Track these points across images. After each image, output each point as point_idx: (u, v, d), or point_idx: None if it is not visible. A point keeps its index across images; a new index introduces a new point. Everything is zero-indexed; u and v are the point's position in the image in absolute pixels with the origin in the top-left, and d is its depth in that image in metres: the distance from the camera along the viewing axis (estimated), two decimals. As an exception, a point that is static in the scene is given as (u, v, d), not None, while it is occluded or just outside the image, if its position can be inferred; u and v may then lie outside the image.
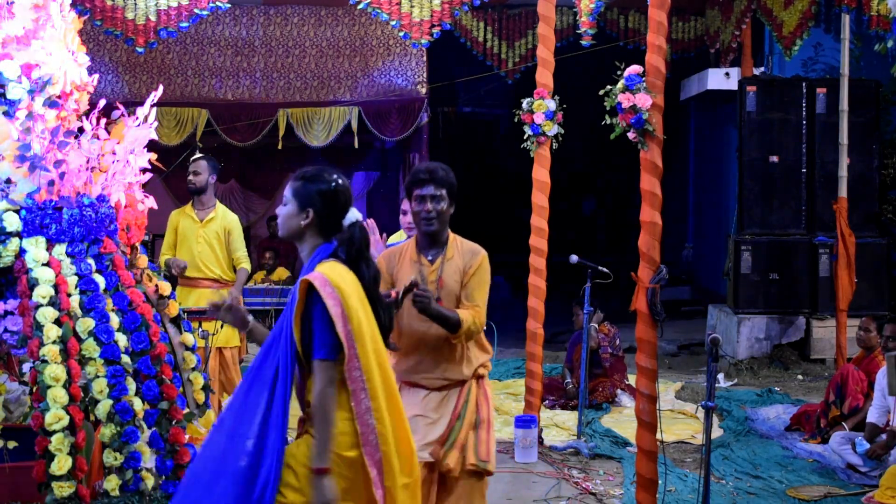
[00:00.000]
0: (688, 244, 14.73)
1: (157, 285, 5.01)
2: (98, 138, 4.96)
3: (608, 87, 5.17)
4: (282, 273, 12.33)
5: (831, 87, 9.87)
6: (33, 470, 4.30)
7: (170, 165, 10.12)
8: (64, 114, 4.95)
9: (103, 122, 5.00)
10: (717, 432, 7.53)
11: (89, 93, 5.24)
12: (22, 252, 4.64)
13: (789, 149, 10.22)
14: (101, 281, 4.69)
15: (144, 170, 5.16)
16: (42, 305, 4.49)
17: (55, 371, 4.38)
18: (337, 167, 14.22)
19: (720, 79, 11.50)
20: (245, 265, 7.20)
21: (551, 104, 7.05)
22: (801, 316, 10.05)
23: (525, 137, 7.16)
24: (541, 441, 7.08)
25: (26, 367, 4.58)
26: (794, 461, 6.85)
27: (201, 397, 4.86)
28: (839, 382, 7.20)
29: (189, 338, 4.93)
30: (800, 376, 9.66)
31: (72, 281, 4.61)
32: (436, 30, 8.22)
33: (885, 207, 10.43)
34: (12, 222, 4.65)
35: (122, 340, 4.59)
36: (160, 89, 5.20)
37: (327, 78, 11.80)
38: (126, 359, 4.58)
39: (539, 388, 7.25)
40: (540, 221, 7.15)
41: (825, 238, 9.89)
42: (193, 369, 4.86)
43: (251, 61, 11.77)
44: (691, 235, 14.88)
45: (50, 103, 4.88)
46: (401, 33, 8.23)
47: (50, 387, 4.36)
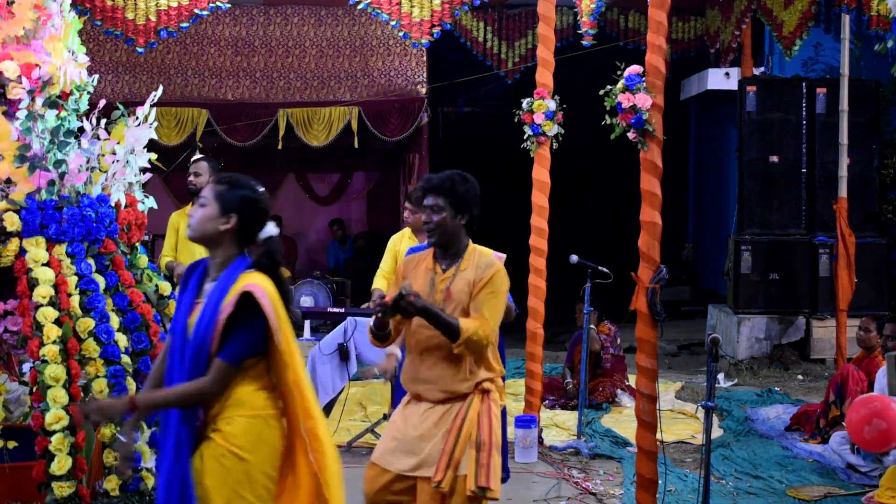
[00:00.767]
0: (688, 244, 14.72)
1: (157, 285, 5.01)
2: (98, 138, 4.97)
3: (608, 87, 5.17)
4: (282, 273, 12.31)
5: (831, 87, 9.86)
6: (33, 470, 4.30)
7: (170, 165, 10.12)
8: (64, 114, 4.95)
9: (103, 122, 5.00)
10: (717, 432, 7.53)
11: (89, 93, 5.24)
12: (22, 252, 4.64)
13: (789, 149, 10.21)
14: (101, 281, 4.69)
15: (144, 170, 5.17)
16: (42, 305, 4.50)
17: (55, 371, 4.39)
18: (337, 167, 14.12)
19: (720, 79, 11.50)
20: (245, 265, 7.19)
21: (551, 104, 7.05)
22: (801, 316, 10.04)
23: (525, 137, 7.16)
24: (541, 441, 7.08)
25: (26, 367, 4.59)
26: (794, 461, 6.85)
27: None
28: (839, 382, 7.20)
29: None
30: (800, 376, 9.66)
31: (72, 281, 4.61)
32: (436, 30, 8.22)
33: (885, 207, 10.43)
34: (12, 222, 4.65)
35: (122, 340, 4.59)
36: (160, 89, 5.20)
37: (327, 78, 11.80)
38: (126, 359, 4.59)
39: (539, 388, 7.25)
40: (540, 221, 7.15)
41: (825, 238, 9.89)
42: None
43: (251, 61, 11.76)
44: (691, 235, 14.88)
45: (50, 103, 4.88)
46: (401, 33, 8.23)
47: (50, 387, 4.37)
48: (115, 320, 4.63)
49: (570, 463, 6.76)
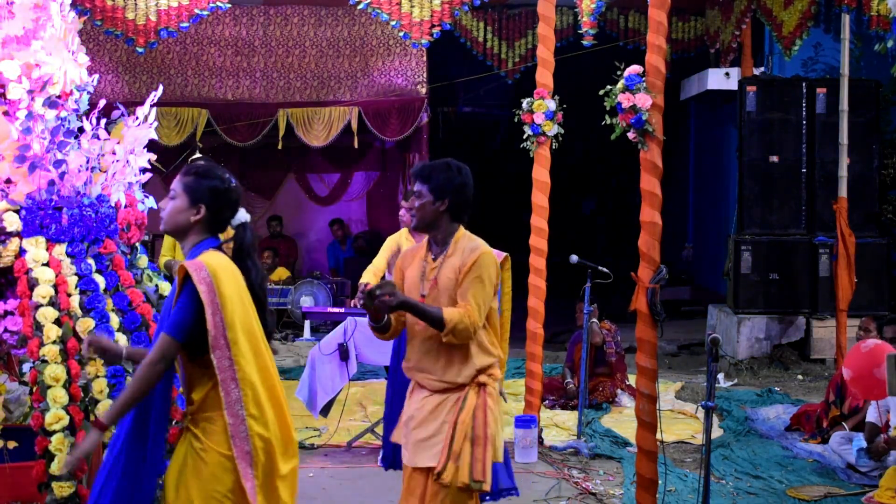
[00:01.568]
0: (688, 244, 14.72)
1: (156, 285, 5.01)
2: (98, 138, 4.96)
3: (608, 87, 5.18)
4: (282, 273, 12.32)
5: (831, 87, 9.86)
6: (33, 470, 4.30)
7: (170, 165, 10.13)
8: (64, 114, 4.95)
9: (103, 122, 5.00)
10: (717, 432, 7.53)
11: (89, 93, 5.24)
12: (22, 252, 4.64)
13: (789, 149, 10.22)
14: (101, 281, 4.69)
15: (144, 170, 5.16)
16: (42, 305, 4.50)
17: (55, 371, 4.39)
18: (337, 167, 14.11)
19: (720, 79, 11.50)
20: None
21: (551, 104, 7.06)
22: (801, 316, 10.05)
23: (525, 137, 7.16)
24: (541, 441, 7.08)
25: (26, 367, 4.58)
26: (794, 461, 6.85)
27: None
28: (839, 382, 7.20)
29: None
30: (800, 376, 9.67)
31: (72, 281, 4.61)
32: (436, 30, 8.22)
33: (885, 207, 10.43)
34: (12, 222, 4.65)
35: (122, 340, 4.59)
36: (160, 89, 5.20)
37: (327, 78, 11.81)
38: (126, 359, 4.58)
39: (539, 388, 7.25)
40: (540, 221, 7.15)
41: (825, 238, 9.89)
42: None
43: (251, 61, 11.77)
44: (691, 235, 14.88)
45: (50, 103, 4.88)
46: (401, 33, 8.24)
47: (50, 387, 4.37)
48: (115, 320, 4.62)
49: (570, 463, 6.76)
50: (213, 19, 11.29)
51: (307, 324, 11.25)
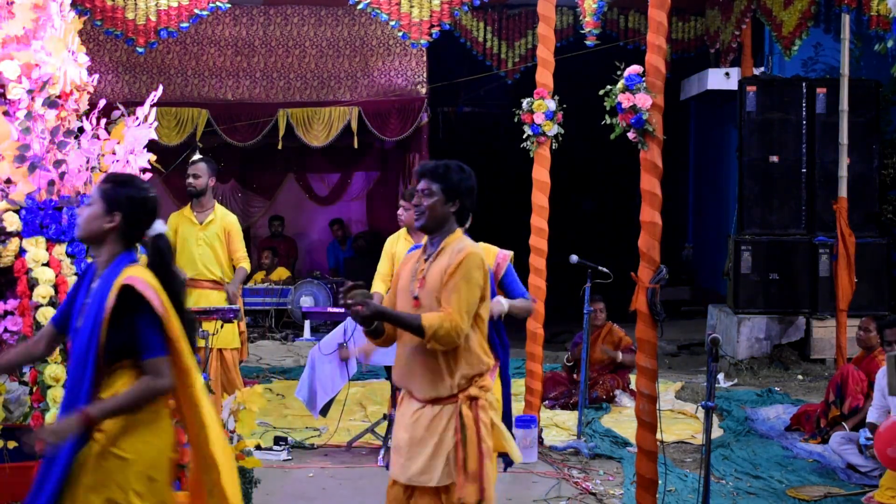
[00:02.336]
0: (688, 244, 14.72)
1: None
2: (98, 138, 4.97)
3: (608, 87, 5.18)
4: (281, 273, 12.32)
5: (831, 87, 9.87)
6: (33, 470, 4.29)
7: (170, 165, 10.13)
8: (64, 114, 4.96)
9: (103, 122, 5.00)
10: (717, 432, 7.53)
11: (89, 93, 5.24)
12: (22, 252, 4.64)
13: (789, 149, 10.22)
14: (101, 281, 4.69)
15: (144, 170, 5.17)
16: (42, 305, 4.50)
17: (55, 371, 4.39)
18: (337, 167, 14.11)
19: (720, 79, 11.50)
20: (245, 265, 7.17)
21: (551, 104, 7.06)
22: (801, 316, 10.05)
23: (525, 137, 7.16)
24: (541, 441, 7.08)
25: (26, 367, 4.58)
26: (794, 461, 6.85)
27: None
28: (839, 382, 7.20)
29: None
30: (800, 376, 9.67)
31: (72, 281, 4.61)
32: (435, 30, 8.22)
33: (885, 207, 10.43)
34: (12, 222, 4.65)
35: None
36: (160, 89, 5.20)
37: (327, 78, 11.80)
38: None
39: (539, 388, 7.25)
40: (540, 221, 7.16)
41: (825, 238, 9.89)
42: (193, 369, 4.85)
43: (251, 61, 11.77)
44: (691, 235, 14.88)
45: (50, 103, 4.88)
46: (400, 33, 8.24)
47: (50, 387, 4.37)
48: (115, 320, 4.62)
49: (570, 463, 6.76)
50: (212, 19, 11.29)
51: (307, 324, 11.26)
